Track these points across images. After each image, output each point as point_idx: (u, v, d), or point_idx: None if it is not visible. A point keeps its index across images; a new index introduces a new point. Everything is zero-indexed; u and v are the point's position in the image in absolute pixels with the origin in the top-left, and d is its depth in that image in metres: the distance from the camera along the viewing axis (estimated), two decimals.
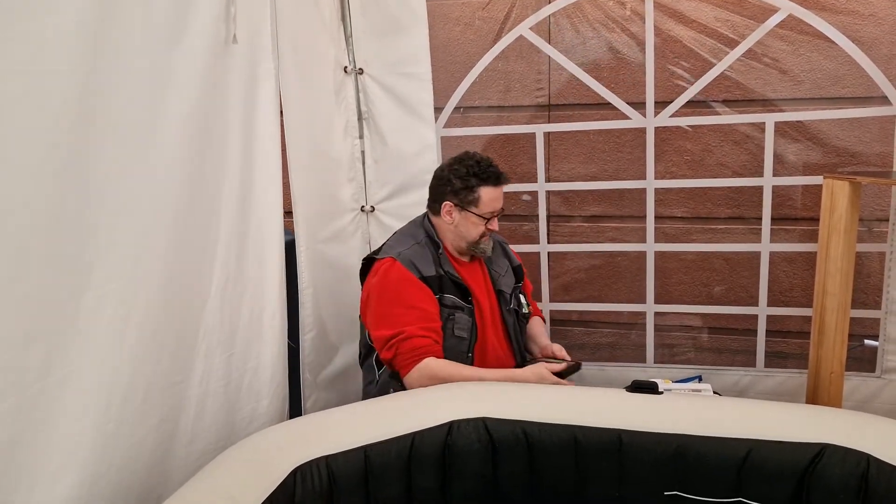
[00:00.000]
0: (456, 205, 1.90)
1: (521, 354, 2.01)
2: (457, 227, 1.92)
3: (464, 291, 1.90)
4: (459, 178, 1.89)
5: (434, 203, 1.96)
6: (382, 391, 1.88)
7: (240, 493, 1.29)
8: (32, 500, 1.20)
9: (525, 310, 2.07)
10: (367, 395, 1.98)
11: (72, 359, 1.26)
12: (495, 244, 2.06)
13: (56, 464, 1.25)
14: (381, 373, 1.90)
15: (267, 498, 1.30)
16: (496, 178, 1.89)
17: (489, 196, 1.88)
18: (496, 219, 1.93)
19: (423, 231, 1.96)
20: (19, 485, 1.18)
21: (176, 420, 1.56)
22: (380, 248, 1.98)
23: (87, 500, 1.30)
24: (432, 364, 1.75)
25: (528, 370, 1.82)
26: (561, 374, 1.80)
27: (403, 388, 1.78)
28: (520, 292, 2.08)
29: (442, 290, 1.87)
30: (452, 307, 1.87)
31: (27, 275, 1.17)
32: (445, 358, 1.79)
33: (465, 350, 1.86)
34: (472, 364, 1.87)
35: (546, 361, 1.90)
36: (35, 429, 1.21)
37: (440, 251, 1.91)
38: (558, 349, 1.99)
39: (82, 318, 1.28)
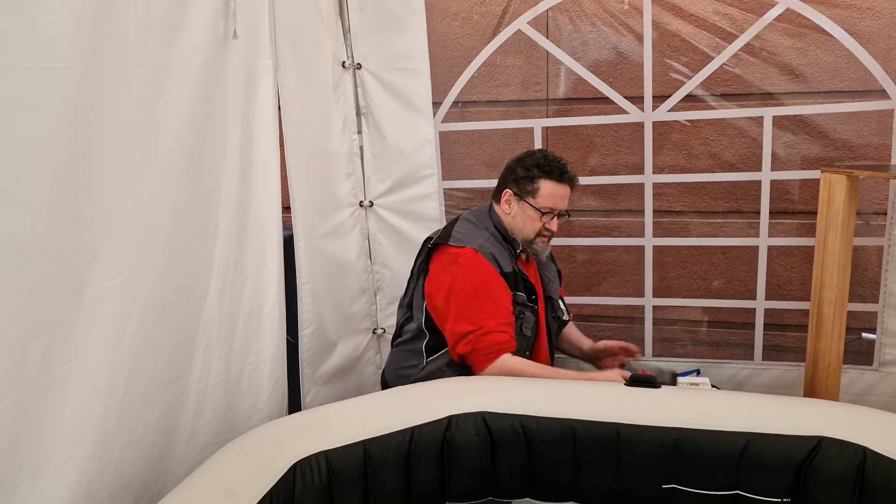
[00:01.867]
0: (515, 193, 1.90)
1: (553, 359, 2.03)
2: (514, 218, 1.91)
3: (530, 291, 1.89)
4: (524, 167, 1.89)
5: (498, 192, 1.96)
6: (427, 379, 1.85)
7: (240, 487, 1.29)
8: (33, 495, 1.21)
9: (565, 316, 2.08)
10: (397, 377, 1.97)
11: (72, 355, 1.27)
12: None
13: (57, 459, 1.25)
14: (430, 361, 1.89)
15: (267, 492, 1.30)
16: (560, 173, 1.87)
17: (548, 190, 1.87)
18: (556, 220, 1.89)
19: (492, 223, 1.93)
20: (20, 481, 1.19)
21: (176, 415, 1.56)
22: (448, 233, 1.92)
23: (87, 495, 1.31)
24: (510, 361, 1.75)
25: (607, 374, 1.80)
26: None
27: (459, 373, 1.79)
28: (560, 298, 2.10)
29: (516, 289, 1.86)
30: (523, 305, 1.86)
31: (27, 271, 1.17)
32: None
33: (525, 348, 1.87)
34: None
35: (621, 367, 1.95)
36: (35, 425, 1.21)
37: (519, 250, 1.91)
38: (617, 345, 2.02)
39: (82, 314, 1.28)
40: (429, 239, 1.98)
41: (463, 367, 1.83)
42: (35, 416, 1.21)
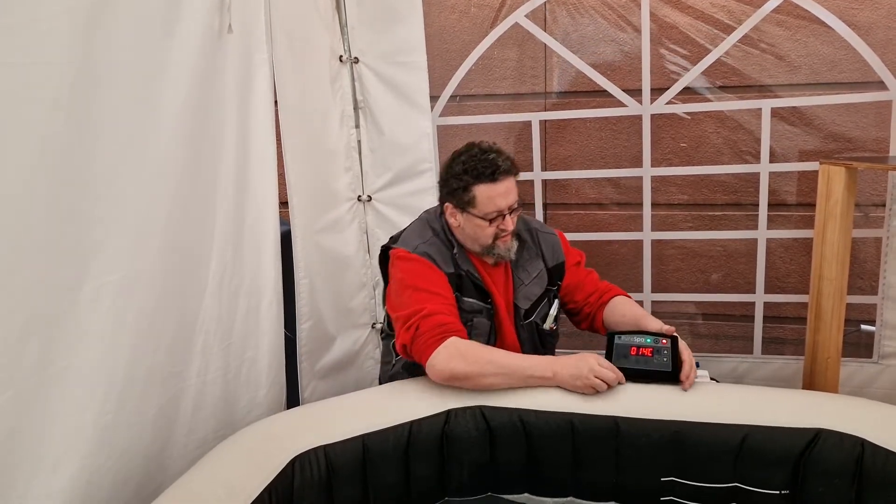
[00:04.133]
0: (455, 206, 1.71)
1: None
2: (463, 230, 1.72)
3: (483, 292, 1.73)
4: (454, 176, 1.68)
5: (440, 203, 1.78)
6: (392, 378, 1.80)
7: (239, 482, 1.29)
8: (32, 491, 1.21)
9: (547, 325, 1.85)
10: (382, 372, 1.93)
11: (70, 351, 1.27)
12: (529, 245, 1.84)
13: (55, 455, 1.25)
14: (397, 360, 1.78)
15: (266, 487, 1.31)
16: (492, 174, 1.64)
17: (486, 194, 1.65)
18: (509, 216, 1.68)
19: (440, 225, 1.78)
20: (19, 476, 1.19)
21: (174, 410, 1.56)
22: (398, 235, 1.84)
23: (86, 490, 1.31)
24: (461, 343, 1.53)
25: (572, 359, 1.56)
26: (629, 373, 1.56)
27: (412, 376, 1.65)
28: (555, 296, 1.87)
29: (461, 291, 1.70)
30: (471, 311, 1.71)
31: (24, 268, 1.17)
32: None
33: None
34: None
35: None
36: (34, 420, 1.21)
37: (455, 251, 1.73)
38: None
39: (80, 310, 1.28)
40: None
41: (415, 369, 1.65)
42: (34, 410, 1.21)
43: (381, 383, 1.94)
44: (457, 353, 1.52)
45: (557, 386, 1.55)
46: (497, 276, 1.80)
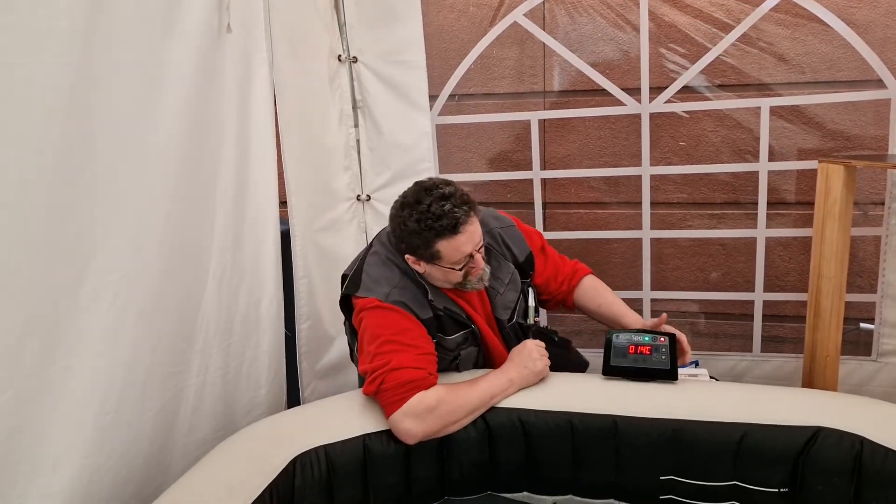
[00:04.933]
0: (419, 259, 1.59)
1: None
2: (430, 275, 1.61)
3: (461, 323, 1.66)
4: (412, 233, 1.54)
5: (398, 249, 1.63)
6: None
7: (239, 482, 1.30)
8: (32, 490, 1.21)
9: (530, 319, 1.81)
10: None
11: (70, 351, 1.27)
12: (495, 251, 1.76)
13: (55, 454, 1.25)
14: None
15: (266, 487, 1.31)
16: (453, 227, 1.51)
17: (451, 247, 1.53)
18: (478, 254, 1.58)
19: (404, 262, 1.62)
20: (19, 476, 1.19)
21: (175, 410, 1.56)
22: (357, 280, 1.64)
23: (86, 490, 1.31)
24: (427, 398, 1.46)
25: (515, 357, 1.59)
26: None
27: None
28: (528, 287, 1.83)
29: (443, 332, 1.63)
30: (456, 348, 1.65)
31: (25, 267, 1.17)
32: None
33: None
34: None
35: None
36: (34, 420, 1.21)
37: (430, 297, 1.61)
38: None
39: (80, 309, 1.29)
40: (344, 276, 1.72)
41: None
42: (34, 410, 1.21)
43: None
44: (421, 411, 1.45)
45: (520, 389, 1.58)
46: (471, 295, 1.72)
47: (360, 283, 1.62)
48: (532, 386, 1.60)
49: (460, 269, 1.58)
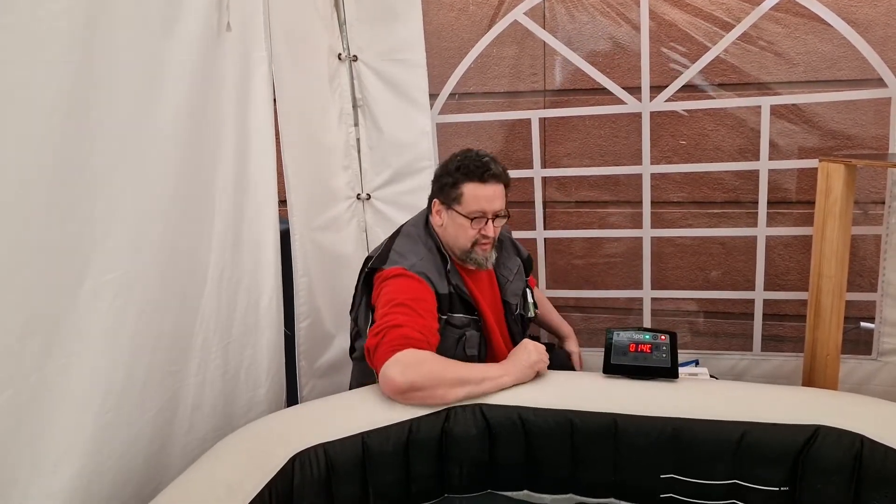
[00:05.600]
0: (442, 202, 1.74)
1: None
2: (446, 229, 1.75)
3: (468, 305, 1.74)
4: (447, 173, 1.72)
5: (429, 202, 1.81)
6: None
7: (239, 480, 1.29)
8: (32, 490, 1.21)
9: (531, 313, 1.94)
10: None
11: (70, 349, 1.27)
12: (504, 245, 1.92)
13: (55, 454, 1.25)
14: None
15: (266, 485, 1.31)
16: (481, 174, 1.68)
17: (472, 192, 1.68)
18: (492, 223, 1.71)
19: (430, 237, 1.78)
20: (19, 475, 1.19)
21: (174, 409, 1.56)
22: (385, 255, 1.74)
23: (86, 489, 1.31)
24: (420, 352, 1.51)
25: (515, 354, 1.62)
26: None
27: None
28: (527, 286, 1.97)
29: (451, 310, 1.71)
30: (461, 326, 1.72)
31: (24, 267, 1.17)
32: None
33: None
34: None
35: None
36: (33, 419, 1.21)
37: (448, 267, 1.73)
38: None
39: (80, 308, 1.28)
40: (369, 258, 1.81)
41: None
42: (33, 409, 1.21)
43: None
44: (413, 362, 1.48)
45: (516, 382, 1.57)
46: (482, 281, 1.83)
47: (388, 258, 1.72)
48: (529, 381, 1.60)
49: (472, 225, 1.69)
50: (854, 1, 2.22)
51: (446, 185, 1.72)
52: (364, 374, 1.81)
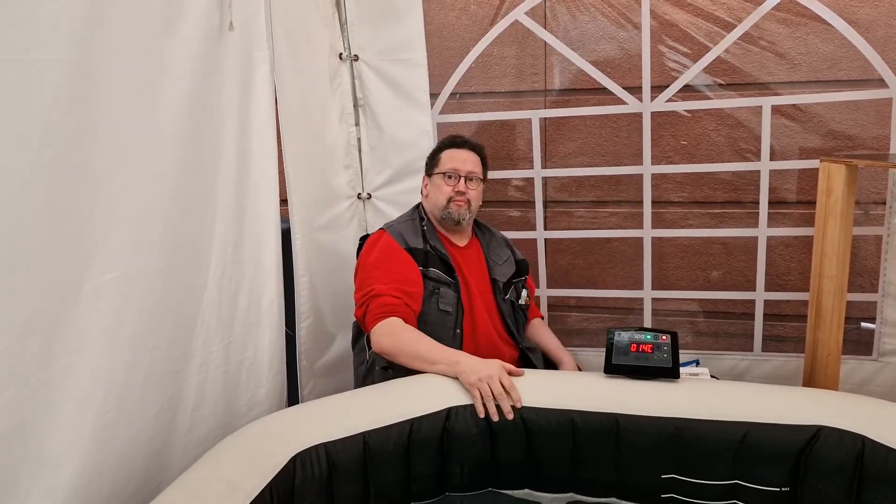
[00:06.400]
0: (427, 174, 2.03)
1: (522, 344, 1.98)
2: (429, 196, 1.99)
3: (448, 267, 1.89)
4: (432, 153, 2.05)
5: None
6: (370, 369, 1.88)
7: (240, 480, 1.29)
8: (34, 489, 1.21)
9: (523, 301, 2.05)
10: (357, 376, 1.98)
11: (70, 348, 1.27)
12: (496, 238, 2.09)
13: (56, 453, 1.25)
14: (371, 352, 1.84)
15: (267, 484, 1.30)
16: (455, 141, 2.01)
17: (449, 155, 1.98)
18: (464, 182, 1.94)
19: (416, 210, 2.03)
20: (20, 475, 1.19)
21: (175, 408, 1.56)
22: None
23: (87, 488, 1.31)
24: (397, 323, 1.71)
25: (483, 360, 1.61)
26: None
27: (386, 366, 1.78)
28: (522, 286, 2.07)
29: (427, 264, 1.87)
30: (437, 281, 1.86)
31: (25, 266, 1.17)
32: (433, 332, 1.73)
33: (451, 325, 1.85)
34: (461, 342, 1.83)
35: None
36: (35, 419, 1.21)
37: (424, 222, 1.96)
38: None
39: (80, 307, 1.28)
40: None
41: (388, 370, 1.81)
42: (34, 409, 1.20)
43: (356, 385, 1.99)
44: (389, 331, 1.70)
45: (461, 375, 1.57)
46: (469, 257, 1.99)
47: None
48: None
49: (447, 182, 1.94)
50: (855, 1, 2.22)
51: (430, 161, 2.03)
52: (358, 360, 1.99)
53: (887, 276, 2.19)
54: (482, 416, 1.52)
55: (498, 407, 1.52)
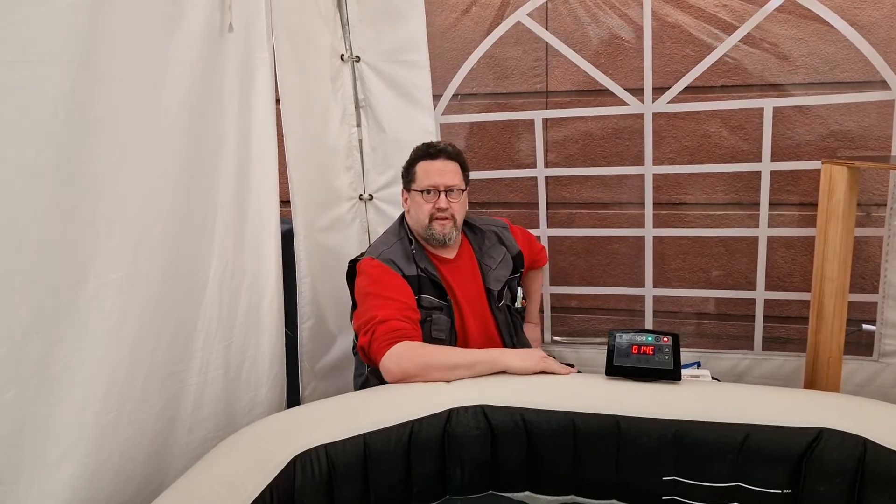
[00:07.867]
0: (405, 188, 1.91)
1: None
2: (410, 213, 1.89)
3: (440, 290, 1.82)
4: (406, 164, 1.91)
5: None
6: (366, 383, 1.88)
7: (240, 481, 1.29)
8: (34, 490, 1.21)
9: (518, 304, 2.00)
10: (356, 386, 1.99)
11: (72, 349, 1.27)
12: (489, 233, 2.00)
13: (57, 454, 1.25)
14: (368, 369, 1.87)
15: (267, 486, 1.30)
16: (429, 151, 1.86)
17: (424, 169, 1.84)
18: (445, 197, 1.81)
19: (402, 227, 1.92)
20: (21, 475, 1.19)
21: (175, 409, 1.56)
22: (364, 252, 1.93)
23: (88, 489, 1.31)
24: (411, 343, 1.64)
25: (520, 351, 1.69)
26: None
27: (382, 382, 1.68)
28: (517, 283, 2.02)
29: (420, 291, 1.80)
30: (430, 308, 1.80)
31: (27, 267, 1.17)
32: None
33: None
34: None
35: None
36: (36, 420, 1.21)
37: (412, 246, 1.85)
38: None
39: (82, 308, 1.28)
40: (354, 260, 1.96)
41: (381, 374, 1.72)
42: (35, 410, 1.21)
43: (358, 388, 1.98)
44: (406, 354, 1.61)
45: (507, 368, 1.62)
46: (458, 269, 1.90)
47: (366, 252, 1.90)
48: (530, 373, 1.63)
49: (426, 199, 1.82)
50: (857, 3, 2.22)
51: (405, 172, 1.90)
52: (357, 366, 1.97)
53: (888, 278, 2.19)
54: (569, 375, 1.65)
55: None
